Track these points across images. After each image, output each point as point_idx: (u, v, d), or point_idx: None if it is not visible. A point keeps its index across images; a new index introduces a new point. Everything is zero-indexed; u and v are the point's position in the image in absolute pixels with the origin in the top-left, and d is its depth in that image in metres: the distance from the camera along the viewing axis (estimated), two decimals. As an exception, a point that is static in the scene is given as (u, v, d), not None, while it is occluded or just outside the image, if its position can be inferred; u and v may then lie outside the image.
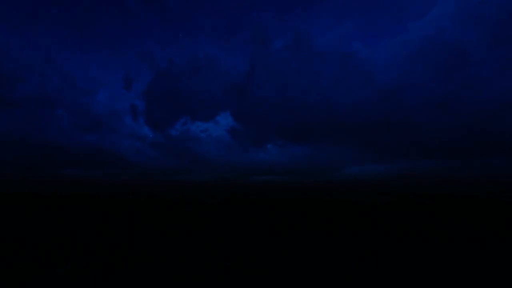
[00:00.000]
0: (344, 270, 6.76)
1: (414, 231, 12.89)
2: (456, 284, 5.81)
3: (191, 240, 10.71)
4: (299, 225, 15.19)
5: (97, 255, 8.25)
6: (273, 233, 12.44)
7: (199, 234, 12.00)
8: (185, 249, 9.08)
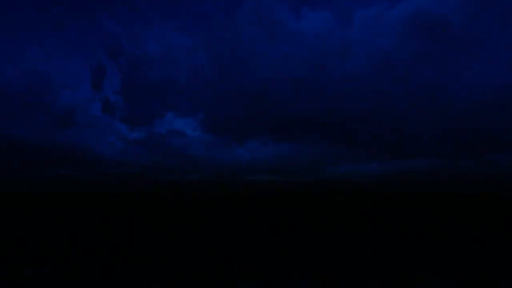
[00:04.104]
0: (344, 270, 6.76)
1: (414, 231, 12.89)
2: (456, 284, 5.81)
3: (191, 240, 10.71)
4: (299, 225, 15.19)
5: (97, 255, 8.24)
6: (273, 233, 12.44)
7: (199, 234, 12.00)
8: (185, 249, 9.08)
